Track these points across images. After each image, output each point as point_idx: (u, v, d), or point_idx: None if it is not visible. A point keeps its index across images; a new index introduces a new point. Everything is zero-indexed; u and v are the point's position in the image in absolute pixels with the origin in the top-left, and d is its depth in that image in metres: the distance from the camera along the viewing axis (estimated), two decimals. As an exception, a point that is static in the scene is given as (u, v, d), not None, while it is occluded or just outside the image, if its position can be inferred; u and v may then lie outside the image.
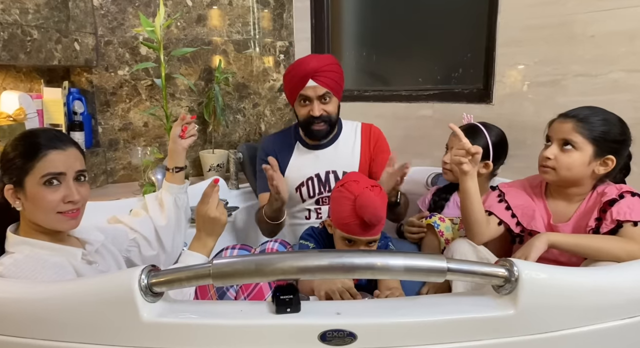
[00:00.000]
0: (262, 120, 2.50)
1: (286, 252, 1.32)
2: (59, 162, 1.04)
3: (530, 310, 0.89)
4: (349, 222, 1.18)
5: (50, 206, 1.03)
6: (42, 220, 1.05)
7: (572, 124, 1.18)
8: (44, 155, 1.02)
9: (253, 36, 2.41)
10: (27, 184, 1.02)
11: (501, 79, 1.99)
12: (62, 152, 1.05)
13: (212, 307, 0.99)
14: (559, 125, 1.21)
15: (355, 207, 1.16)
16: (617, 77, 1.71)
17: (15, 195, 1.04)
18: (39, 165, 1.02)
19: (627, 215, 1.13)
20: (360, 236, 1.20)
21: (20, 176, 1.02)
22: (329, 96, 1.56)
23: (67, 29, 1.97)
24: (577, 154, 1.18)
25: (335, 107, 1.61)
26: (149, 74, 2.25)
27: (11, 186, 1.03)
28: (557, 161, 1.20)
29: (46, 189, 1.02)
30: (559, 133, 1.20)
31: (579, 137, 1.17)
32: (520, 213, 1.27)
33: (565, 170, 1.19)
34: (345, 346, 0.86)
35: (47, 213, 1.03)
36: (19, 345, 0.90)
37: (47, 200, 1.02)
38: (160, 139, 2.33)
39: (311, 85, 1.54)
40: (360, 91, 2.44)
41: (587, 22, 1.75)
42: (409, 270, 0.88)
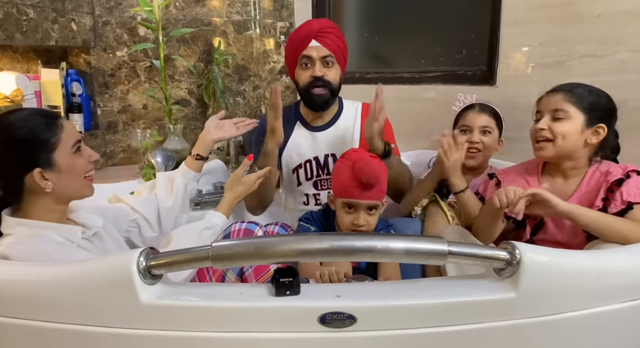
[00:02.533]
0: (263, 103, 2.48)
1: (286, 235, 1.31)
2: (73, 130, 1.10)
3: (532, 293, 0.88)
4: (348, 185, 1.23)
5: (83, 170, 1.10)
6: (73, 189, 1.09)
7: (562, 95, 1.21)
8: (62, 126, 1.06)
9: (253, 17, 2.36)
10: (58, 158, 1.04)
11: (505, 60, 1.96)
12: (65, 120, 1.10)
13: (211, 289, 0.99)
14: (548, 98, 1.24)
15: (354, 169, 1.22)
16: (624, 58, 1.68)
17: (44, 177, 1.03)
18: (64, 136, 1.05)
19: (638, 197, 1.13)
20: (359, 198, 1.23)
21: (47, 154, 1.03)
22: (331, 60, 1.53)
23: (64, 8, 1.94)
24: (569, 122, 1.20)
25: (337, 76, 1.56)
26: (148, 55, 2.22)
27: (40, 169, 1.02)
28: (551, 131, 1.21)
29: (76, 156, 1.08)
30: (549, 105, 1.23)
31: (570, 106, 1.20)
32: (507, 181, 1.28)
33: (561, 139, 1.20)
34: (345, 328, 0.86)
35: (79, 179, 1.09)
36: (18, 326, 0.90)
37: (80, 165, 1.09)
38: (159, 121, 2.31)
39: (314, 45, 1.51)
40: (362, 73, 2.41)
41: (593, 2, 1.71)
42: (409, 253, 0.87)
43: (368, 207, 1.25)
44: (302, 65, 1.54)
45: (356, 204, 1.24)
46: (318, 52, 1.51)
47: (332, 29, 1.53)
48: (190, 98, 2.36)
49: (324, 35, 1.50)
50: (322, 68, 1.52)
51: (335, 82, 1.55)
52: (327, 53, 1.51)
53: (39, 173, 1.02)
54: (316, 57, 1.51)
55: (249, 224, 1.32)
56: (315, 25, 1.51)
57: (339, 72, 1.57)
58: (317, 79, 1.51)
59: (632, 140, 1.67)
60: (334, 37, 1.52)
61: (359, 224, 1.25)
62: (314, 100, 1.55)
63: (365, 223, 1.25)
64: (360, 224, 1.25)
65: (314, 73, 1.51)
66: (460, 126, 1.54)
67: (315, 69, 1.51)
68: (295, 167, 1.63)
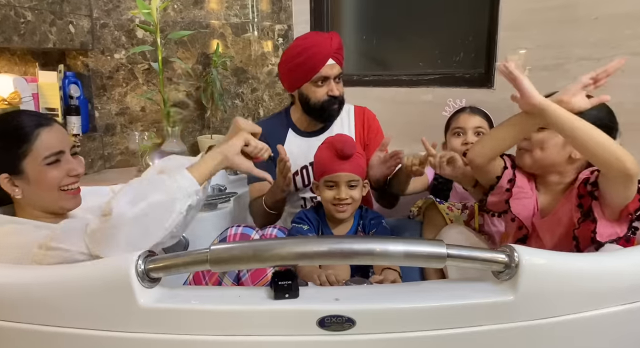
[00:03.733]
0: (261, 105, 2.48)
1: (284, 238, 1.31)
2: (54, 140, 1.02)
3: (530, 296, 0.88)
4: (327, 161, 1.29)
5: (54, 183, 1.02)
6: (47, 201, 1.04)
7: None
8: (37, 135, 1.00)
9: (251, 19, 2.37)
10: (27, 168, 1.00)
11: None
12: (51, 128, 1.03)
13: (210, 292, 0.99)
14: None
15: (331, 144, 1.31)
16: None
17: (13, 183, 1.01)
18: (37, 146, 1.00)
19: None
20: (338, 171, 1.28)
21: (16, 162, 1.00)
22: (340, 75, 1.55)
23: (62, 10, 1.94)
24: (552, 133, 1.11)
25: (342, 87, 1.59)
26: (146, 58, 2.22)
27: (7, 175, 1.00)
28: (530, 141, 1.14)
29: (49, 168, 1.01)
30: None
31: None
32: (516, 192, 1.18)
33: (539, 149, 1.13)
34: (344, 332, 0.86)
35: (51, 191, 1.02)
36: (16, 330, 0.90)
37: (51, 177, 1.01)
38: (157, 123, 2.31)
39: (330, 64, 1.50)
40: (360, 76, 2.41)
41: (590, 5, 1.72)
42: (408, 256, 0.87)
43: (348, 183, 1.29)
44: (317, 83, 1.52)
45: (337, 179, 1.29)
46: (333, 71, 1.51)
47: (342, 44, 1.53)
48: (189, 100, 2.36)
49: (339, 52, 1.51)
50: (337, 85, 1.54)
51: (343, 93, 1.58)
52: (340, 71, 1.53)
53: (5, 178, 1.00)
54: (332, 75, 1.51)
55: (245, 228, 1.32)
56: (335, 45, 1.50)
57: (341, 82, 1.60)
58: (334, 98, 1.53)
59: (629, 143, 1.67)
60: (342, 52, 1.53)
61: (341, 197, 1.28)
62: (330, 114, 1.57)
63: (347, 196, 1.29)
64: (342, 197, 1.28)
65: (332, 93, 1.52)
66: (453, 129, 1.53)
67: (333, 88, 1.52)
68: (292, 174, 1.63)
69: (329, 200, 1.31)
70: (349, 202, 1.30)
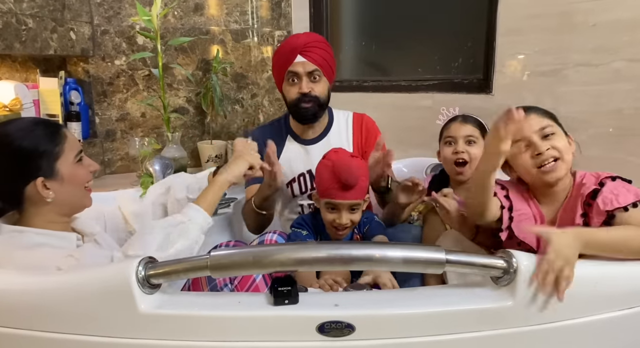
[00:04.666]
0: (261, 110, 2.49)
1: (284, 244, 1.31)
2: (75, 140, 1.10)
3: (529, 301, 0.89)
4: (329, 186, 1.26)
5: (84, 180, 1.10)
6: (76, 199, 1.10)
7: (536, 114, 1.11)
8: (64, 136, 1.07)
9: (251, 25, 2.38)
10: (61, 168, 1.04)
11: (501, 68, 1.97)
12: (67, 130, 1.10)
13: (210, 298, 0.99)
14: (526, 121, 1.06)
15: (334, 170, 1.25)
16: (619, 67, 1.69)
17: (46, 187, 1.03)
18: (67, 147, 1.06)
19: (615, 203, 1.02)
20: (339, 199, 1.26)
21: (50, 164, 1.03)
22: (318, 74, 1.51)
23: (63, 17, 1.95)
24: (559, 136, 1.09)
25: (325, 89, 1.55)
26: (146, 64, 2.23)
27: (42, 178, 1.02)
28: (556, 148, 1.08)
29: (79, 166, 1.08)
30: (531, 127, 1.09)
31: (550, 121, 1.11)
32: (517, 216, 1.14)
33: (567, 155, 1.08)
34: (343, 337, 0.87)
35: (80, 189, 1.10)
36: (16, 336, 0.90)
37: (82, 174, 1.09)
38: (157, 129, 2.32)
39: (300, 61, 1.49)
40: (359, 81, 2.43)
41: (588, 11, 1.73)
42: (407, 262, 0.88)
43: (350, 207, 1.28)
44: (289, 81, 1.53)
45: (338, 204, 1.28)
46: (304, 68, 1.50)
47: (318, 43, 1.51)
48: (189, 106, 2.36)
49: (309, 49, 1.49)
50: (309, 83, 1.51)
51: (323, 96, 1.54)
52: (313, 68, 1.50)
53: (41, 182, 1.02)
54: (302, 72, 1.50)
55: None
56: (301, 40, 1.49)
57: (326, 85, 1.56)
58: (304, 95, 1.51)
59: (628, 148, 1.69)
60: (320, 51, 1.50)
61: (342, 223, 1.28)
62: (302, 114, 1.54)
63: (347, 221, 1.28)
64: (342, 223, 1.28)
65: (301, 89, 1.50)
66: (445, 138, 1.52)
67: (303, 85, 1.50)
68: (289, 181, 1.63)
69: (329, 222, 1.31)
70: (348, 225, 1.29)
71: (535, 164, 1.09)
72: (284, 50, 1.52)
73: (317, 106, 1.54)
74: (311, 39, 1.51)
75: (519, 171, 1.14)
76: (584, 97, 1.77)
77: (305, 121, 1.58)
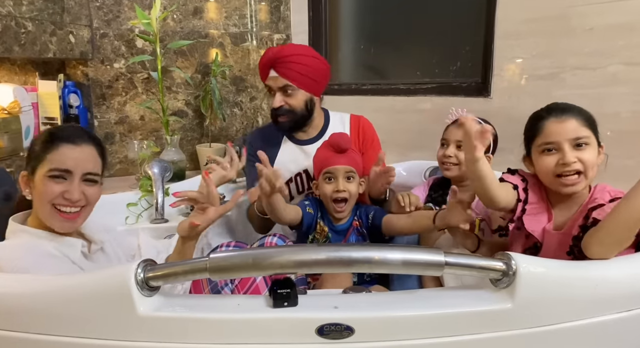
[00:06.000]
0: (260, 113, 2.49)
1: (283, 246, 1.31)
2: (67, 158, 1.03)
3: (528, 303, 0.89)
4: (324, 156, 1.39)
5: (47, 197, 1.02)
6: (41, 212, 1.05)
7: (576, 120, 1.07)
8: (55, 148, 1.03)
9: (250, 29, 2.39)
10: (37, 173, 1.04)
11: (499, 72, 1.98)
12: (74, 147, 1.04)
13: (209, 301, 0.99)
14: (561, 126, 1.06)
15: (328, 141, 1.40)
16: (616, 70, 1.70)
17: (28, 183, 1.05)
18: (49, 158, 1.03)
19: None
20: (335, 164, 1.36)
21: (34, 165, 1.04)
22: (290, 89, 1.51)
23: (62, 21, 1.95)
24: (592, 149, 1.05)
25: (301, 100, 1.54)
26: (145, 67, 2.23)
27: (26, 173, 1.06)
28: (582, 162, 1.04)
29: (48, 181, 1.02)
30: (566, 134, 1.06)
31: (588, 131, 1.06)
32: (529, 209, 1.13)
33: (591, 169, 1.05)
34: (342, 340, 0.86)
35: (44, 204, 1.03)
36: (15, 339, 0.90)
37: (46, 190, 1.02)
38: (156, 132, 2.32)
39: (272, 76, 1.51)
40: (358, 84, 2.43)
41: (585, 15, 1.74)
42: (406, 264, 0.88)
43: (346, 175, 1.37)
44: (269, 92, 1.58)
45: (334, 171, 1.37)
46: (276, 83, 1.51)
47: (293, 57, 1.48)
48: (188, 109, 2.37)
49: (280, 65, 1.48)
50: (283, 97, 1.52)
51: (299, 108, 1.54)
52: (284, 83, 1.50)
53: (24, 175, 1.06)
54: (275, 87, 1.52)
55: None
56: (271, 55, 1.48)
57: (304, 96, 1.54)
58: (276, 109, 1.53)
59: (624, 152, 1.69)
60: (292, 65, 1.48)
61: (339, 189, 1.35)
62: (280, 127, 1.58)
63: (345, 188, 1.36)
64: (340, 189, 1.35)
65: (273, 104, 1.53)
66: (441, 139, 1.55)
67: (275, 100, 1.52)
68: (286, 182, 1.63)
69: (329, 195, 1.37)
70: (346, 196, 1.36)
71: (557, 172, 1.06)
72: (261, 62, 1.55)
73: (293, 118, 1.56)
74: (286, 53, 1.49)
75: (539, 171, 1.11)
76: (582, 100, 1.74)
77: (286, 131, 1.62)
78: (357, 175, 1.40)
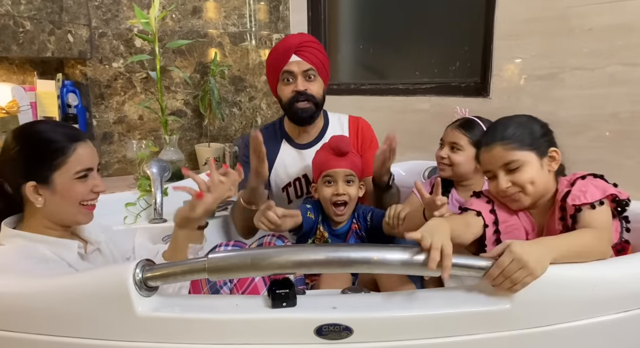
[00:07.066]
0: (259, 113, 2.49)
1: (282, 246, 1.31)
2: (87, 157, 1.05)
3: (526, 304, 0.89)
4: (324, 159, 1.38)
5: (78, 197, 1.05)
6: (66, 213, 1.05)
7: (501, 147, 1.09)
8: (74, 149, 1.03)
9: (249, 28, 2.39)
10: (57, 180, 1.01)
11: (498, 72, 1.98)
12: (87, 145, 1.06)
13: (207, 301, 0.99)
14: (489, 155, 1.10)
15: (328, 144, 1.39)
16: (615, 71, 1.70)
17: (37, 192, 1.02)
18: (71, 161, 1.02)
19: (582, 198, 1.04)
20: (334, 167, 1.35)
21: (47, 173, 1.01)
22: (313, 74, 1.51)
23: (60, 20, 1.95)
24: (528, 167, 1.08)
25: (320, 89, 1.54)
26: (144, 67, 2.23)
27: (34, 183, 1.01)
28: (517, 184, 1.09)
29: (77, 182, 1.03)
30: (495, 163, 1.10)
31: (517, 153, 1.08)
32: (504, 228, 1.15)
33: (530, 185, 1.08)
34: (341, 340, 0.86)
35: (72, 205, 1.05)
36: (13, 339, 0.89)
37: (77, 191, 1.04)
38: (155, 132, 2.32)
39: (295, 60, 1.49)
40: (357, 84, 2.43)
41: (584, 15, 1.74)
42: (405, 265, 0.88)
43: (345, 179, 1.36)
44: (284, 81, 1.52)
45: (334, 174, 1.36)
46: (299, 67, 1.50)
47: (312, 43, 1.52)
48: (186, 109, 2.36)
49: (303, 49, 1.49)
50: (305, 82, 1.51)
51: (318, 96, 1.54)
52: (308, 67, 1.50)
53: (32, 186, 1.01)
54: (298, 71, 1.50)
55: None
56: (295, 40, 1.50)
57: (322, 86, 1.55)
58: (300, 94, 1.50)
59: (624, 152, 1.70)
60: (314, 51, 1.51)
61: (339, 193, 1.34)
62: (299, 115, 1.53)
63: (344, 192, 1.35)
64: (340, 193, 1.34)
65: (296, 87, 1.50)
66: (440, 139, 1.55)
67: (298, 83, 1.50)
68: (285, 186, 1.62)
69: (328, 198, 1.36)
70: (346, 199, 1.35)
71: (500, 194, 1.12)
72: (278, 51, 1.53)
73: (314, 106, 1.53)
74: (305, 38, 1.52)
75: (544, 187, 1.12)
76: (581, 100, 1.78)
77: (302, 122, 1.56)
78: (356, 178, 1.39)
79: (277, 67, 1.52)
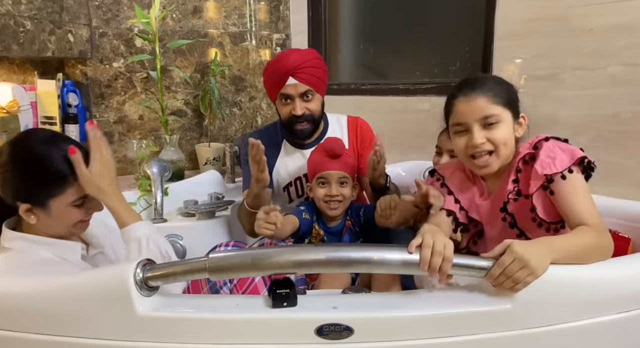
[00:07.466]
0: (259, 113, 2.49)
1: (282, 246, 1.31)
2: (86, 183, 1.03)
3: (527, 304, 0.89)
4: (318, 161, 1.40)
5: (74, 220, 1.06)
6: (57, 231, 1.06)
7: (484, 98, 1.04)
8: (73, 181, 1.02)
9: (249, 28, 2.39)
10: (53, 205, 1.01)
11: (499, 72, 1.98)
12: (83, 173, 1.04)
13: (208, 301, 0.99)
14: (468, 106, 1.04)
15: (322, 146, 1.42)
16: (615, 71, 1.70)
17: (31, 212, 1.01)
18: (69, 191, 1.02)
19: (553, 167, 0.99)
20: (328, 169, 1.37)
21: (44, 199, 1.00)
22: (311, 94, 1.50)
23: (61, 20, 1.95)
24: (503, 126, 1.03)
25: (319, 104, 1.55)
26: (144, 67, 2.23)
27: (29, 206, 1.00)
28: (492, 142, 1.03)
29: (73, 208, 1.04)
30: (474, 114, 1.04)
31: (498, 108, 1.03)
32: (462, 198, 1.14)
33: (503, 146, 1.03)
34: (342, 340, 0.86)
35: (66, 226, 1.05)
36: (15, 339, 0.90)
37: (74, 216, 1.05)
38: (155, 131, 2.31)
39: (292, 83, 1.47)
40: (357, 84, 2.43)
41: (585, 16, 1.74)
42: (405, 265, 0.88)
43: (339, 180, 1.38)
44: (282, 100, 1.52)
45: (328, 176, 1.37)
46: (297, 89, 1.48)
47: (309, 62, 1.49)
48: (187, 109, 2.36)
49: (300, 71, 1.47)
50: (302, 103, 1.50)
51: (317, 112, 1.54)
52: (306, 89, 1.48)
53: (26, 207, 1.00)
54: (295, 94, 1.49)
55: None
56: (290, 64, 1.46)
57: (320, 100, 1.55)
58: (298, 117, 1.50)
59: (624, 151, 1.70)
60: (311, 70, 1.49)
61: (332, 194, 1.36)
62: (298, 135, 1.56)
63: (338, 193, 1.37)
64: (333, 194, 1.36)
65: (295, 112, 1.49)
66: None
67: (296, 107, 1.49)
68: (286, 185, 1.63)
69: (321, 198, 1.38)
70: (340, 199, 1.37)
71: (468, 153, 1.07)
72: (274, 71, 1.50)
73: (312, 124, 1.55)
74: (302, 59, 1.48)
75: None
76: (581, 100, 1.78)
77: (301, 139, 1.59)
78: (350, 179, 1.40)
79: (274, 88, 1.52)
